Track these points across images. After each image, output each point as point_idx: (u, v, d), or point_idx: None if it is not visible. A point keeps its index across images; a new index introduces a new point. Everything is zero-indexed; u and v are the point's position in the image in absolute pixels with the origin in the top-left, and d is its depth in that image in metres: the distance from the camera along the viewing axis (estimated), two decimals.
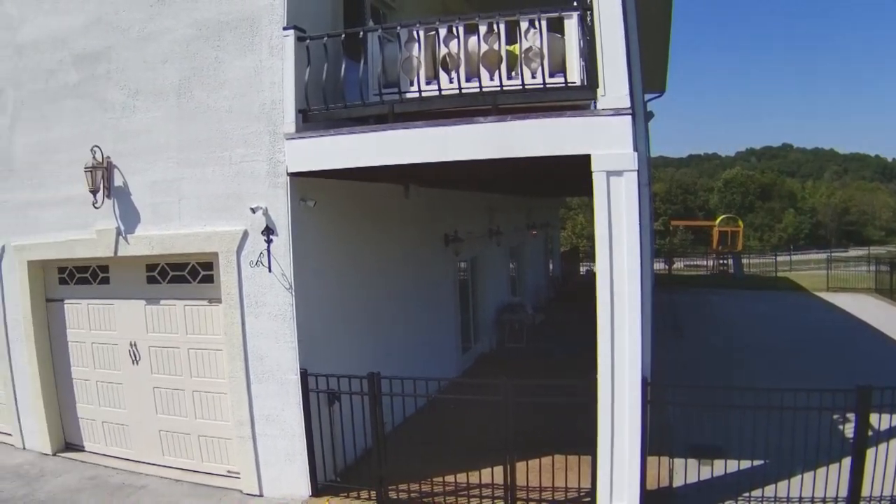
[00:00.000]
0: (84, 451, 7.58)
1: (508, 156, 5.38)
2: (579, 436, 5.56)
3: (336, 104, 5.87)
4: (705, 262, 28.55)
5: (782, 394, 5.15)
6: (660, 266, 24.83)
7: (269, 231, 5.99)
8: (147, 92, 6.61)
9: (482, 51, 5.74)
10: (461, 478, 6.05)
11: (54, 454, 7.54)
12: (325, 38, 5.83)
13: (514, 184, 10.97)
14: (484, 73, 5.77)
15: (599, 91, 5.19)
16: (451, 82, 5.75)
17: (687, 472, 6.03)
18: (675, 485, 5.99)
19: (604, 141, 5.18)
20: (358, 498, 6.06)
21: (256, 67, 6.10)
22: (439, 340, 10.06)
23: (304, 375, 6.04)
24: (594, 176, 5.22)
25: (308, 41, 5.91)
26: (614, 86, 5.17)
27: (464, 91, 5.55)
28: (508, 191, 13.06)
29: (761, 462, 5.93)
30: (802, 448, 5.46)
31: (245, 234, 6.11)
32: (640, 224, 5.34)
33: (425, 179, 8.66)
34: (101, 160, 6.73)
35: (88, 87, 6.96)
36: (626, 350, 5.26)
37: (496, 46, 5.69)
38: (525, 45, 5.64)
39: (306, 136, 5.88)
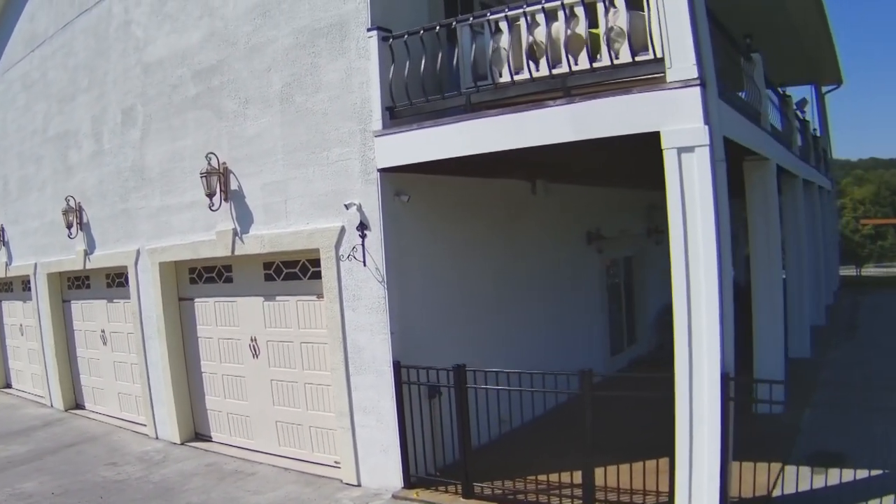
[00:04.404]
0: (211, 441, 9.64)
1: (583, 138, 6.19)
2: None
3: (417, 99, 7.22)
4: None
5: None
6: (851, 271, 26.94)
7: (363, 226, 7.40)
8: (255, 100, 8.37)
9: (565, 36, 7.01)
10: (554, 477, 6.96)
11: (182, 443, 9.66)
12: (406, 36, 7.13)
13: (629, 174, 12.01)
14: (571, 58, 6.95)
15: (666, 63, 5.82)
16: (519, 72, 6.80)
17: (797, 480, 6.36)
18: (775, 494, 6.50)
19: (673, 116, 5.79)
20: (446, 492, 7.27)
21: (347, 69, 7.56)
22: (580, 341, 11.17)
23: (397, 367, 7.35)
24: (665, 154, 5.81)
25: (391, 40, 7.23)
26: (680, 56, 5.74)
27: (534, 77, 6.63)
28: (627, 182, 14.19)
29: (881, 472, 6.32)
30: None
31: (342, 230, 7.61)
32: (716, 204, 5.81)
33: (546, 174, 9.83)
34: (216, 166, 8.62)
35: (206, 99, 8.93)
36: (704, 343, 5.78)
37: (578, 30, 6.82)
38: (606, 25, 6.72)
39: (391, 133, 7.23)
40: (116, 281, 10.95)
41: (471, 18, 7.15)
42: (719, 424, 5.88)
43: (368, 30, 7.45)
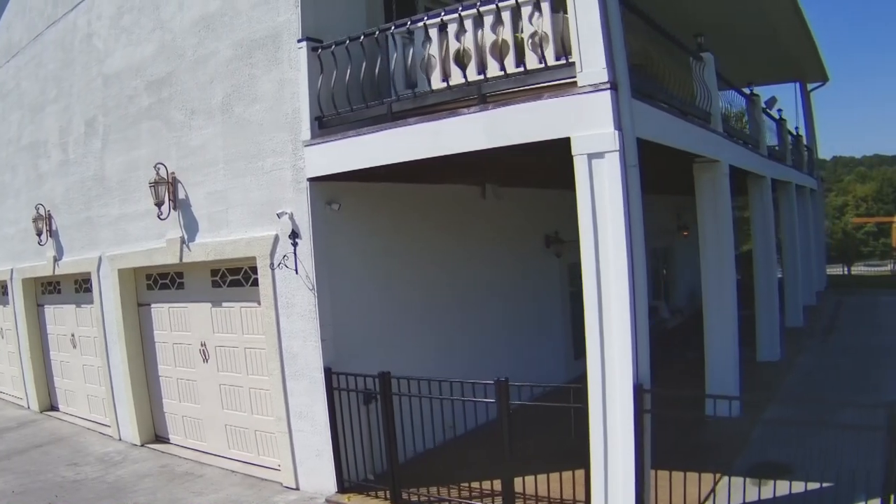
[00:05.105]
0: (169, 443, 9.71)
1: (497, 145, 6.08)
2: None
3: (344, 108, 7.15)
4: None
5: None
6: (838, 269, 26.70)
7: (294, 235, 7.38)
8: (200, 111, 8.40)
9: (489, 42, 6.86)
10: (484, 484, 6.86)
11: (142, 445, 9.76)
12: (333, 47, 7.12)
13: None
14: (493, 64, 6.87)
15: (577, 67, 5.67)
16: (445, 79, 6.73)
17: (733, 492, 6.10)
18: None
19: (583, 121, 5.63)
20: (377, 497, 7.24)
21: (280, 80, 7.54)
22: (540, 346, 11.01)
23: (329, 373, 7.33)
24: (575, 160, 5.66)
25: (320, 50, 7.22)
26: (591, 59, 5.57)
27: (451, 85, 6.56)
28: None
29: (823, 486, 6.02)
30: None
31: (276, 239, 7.59)
32: (629, 210, 5.68)
33: (494, 178, 9.76)
34: (165, 176, 8.67)
35: (157, 110, 8.97)
36: (616, 354, 5.69)
37: (503, 36, 6.66)
38: (530, 29, 6.53)
39: (319, 142, 7.21)
40: (83, 286, 11.02)
41: (392, 27, 7.05)
42: (633, 438, 5.71)
43: (299, 41, 7.42)
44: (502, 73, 6.41)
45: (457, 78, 6.72)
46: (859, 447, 5.34)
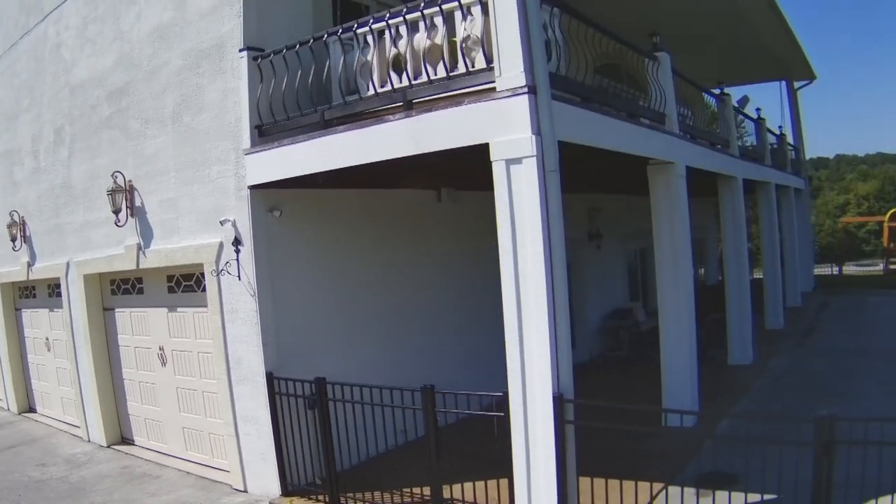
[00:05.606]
0: (134, 444, 9.84)
1: (422, 151, 6.08)
2: None
3: (281, 117, 7.15)
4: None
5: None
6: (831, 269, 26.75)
7: (237, 242, 7.44)
8: (154, 120, 8.50)
9: (421, 48, 6.90)
10: (417, 490, 6.83)
11: (108, 446, 9.89)
12: (272, 56, 7.23)
13: None
14: (424, 69, 6.91)
15: (496, 71, 5.63)
16: (380, 87, 6.75)
17: (675, 502, 5.95)
18: None
19: (502, 126, 5.60)
20: (317, 501, 7.29)
21: (224, 90, 7.62)
22: (501, 349, 11.12)
23: (270, 378, 7.38)
24: (493, 166, 5.67)
25: (260, 59, 7.23)
26: (509, 63, 5.52)
27: (379, 92, 6.59)
28: None
29: (770, 497, 6.02)
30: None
31: (221, 246, 7.66)
32: (548, 216, 5.68)
33: (449, 182, 9.81)
34: (122, 184, 8.78)
35: (117, 119, 9.08)
36: (536, 364, 5.67)
37: (437, 40, 6.73)
38: (463, 34, 6.65)
39: (258, 150, 7.26)
40: (56, 291, 11.15)
41: (325, 35, 7.06)
42: (553, 448, 5.67)
43: (240, 50, 7.48)
44: (427, 79, 6.42)
45: (386, 85, 6.75)
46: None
